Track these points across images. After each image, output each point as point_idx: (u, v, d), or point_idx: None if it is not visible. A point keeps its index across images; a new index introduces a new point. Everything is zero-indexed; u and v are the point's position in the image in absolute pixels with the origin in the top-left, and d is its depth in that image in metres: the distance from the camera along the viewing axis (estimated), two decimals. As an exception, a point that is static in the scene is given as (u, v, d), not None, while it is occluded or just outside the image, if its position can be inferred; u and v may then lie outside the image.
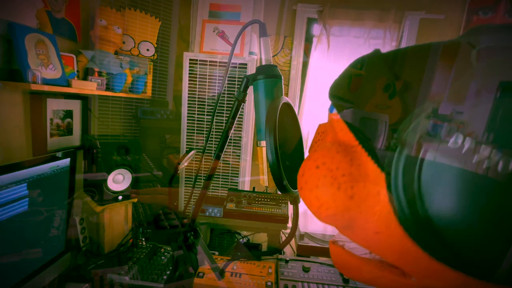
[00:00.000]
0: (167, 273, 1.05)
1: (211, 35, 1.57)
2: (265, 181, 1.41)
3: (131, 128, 1.78)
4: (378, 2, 1.61)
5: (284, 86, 1.79)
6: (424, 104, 0.21)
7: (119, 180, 1.16)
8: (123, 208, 1.22)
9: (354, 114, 0.26)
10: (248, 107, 1.50)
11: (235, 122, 0.48)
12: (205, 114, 1.53)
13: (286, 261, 1.17)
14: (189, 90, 1.51)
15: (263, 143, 0.35)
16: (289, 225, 1.46)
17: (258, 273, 1.07)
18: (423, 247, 0.19)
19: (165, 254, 1.18)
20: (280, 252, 1.26)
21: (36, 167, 0.80)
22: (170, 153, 1.78)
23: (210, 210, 1.26)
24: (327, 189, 0.24)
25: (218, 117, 1.52)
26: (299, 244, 1.28)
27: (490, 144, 0.17)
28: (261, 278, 1.05)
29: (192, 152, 1.23)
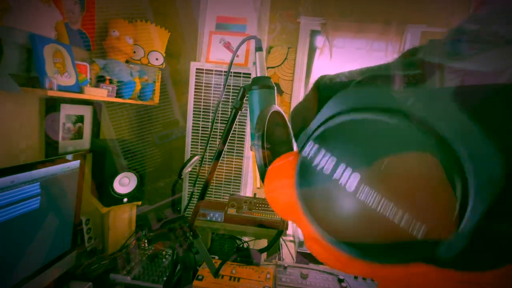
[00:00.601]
0: (167, 275, 1.08)
1: (218, 46, 1.63)
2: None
3: (139, 133, 1.84)
4: (380, 15, 1.66)
5: (287, 95, 1.84)
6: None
7: (125, 183, 1.21)
8: (128, 210, 1.26)
9: None
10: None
11: (232, 129, 0.52)
12: (209, 122, 1.58)
13: (285, 267, 1.18)
14: (194, 98, 1.56)
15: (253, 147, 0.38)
16: (289, 232, 1.47)
17: (256, 278, 1.09)
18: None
19: (166, 256, 1.20)
20: (277, 258, 1.27)
21: (48, 168, 0.86)
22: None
23: (211, 214, 1.29)
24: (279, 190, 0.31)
25: (224, 124, 1.56)
26: (298, 251, 1.29)
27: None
28: (259, 283, 1.07)
29: (195, 157, 1.27)
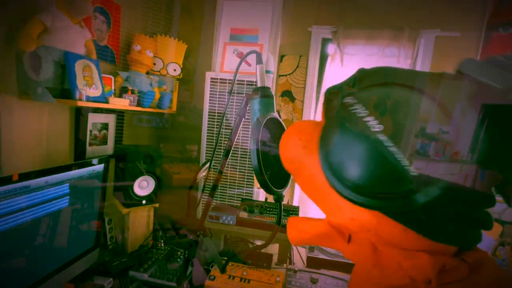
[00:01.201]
0: (180, 272, 1.13)
1: (231, 56, 1.71)
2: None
3: (155, 139, 1.95)
4: (392, 21, 1.66)
5: (299, 102, 1.87)
6: None
7: (143, 186, 1.29)
8: (146, 212, 1.34)
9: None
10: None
11: (237, 135, 0.57)
12: (217, 127, 1.65)
13: (295, 271, 1.20)
14: (209, 105, 1.64)
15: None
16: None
17: (266, 281, 1.11)
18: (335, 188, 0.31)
19: (181, 257, 1.26)
20: (288, 262, 1.29)
21: (76, 171, 0.95)
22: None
23: (224, 217, 1.34)
24: (293, 140, 0.37)
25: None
26: (309, 255, 1.30)
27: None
28: (269, 285, 1.09)
29: (208, 163, 1.33)
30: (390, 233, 0.30)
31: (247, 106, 0.54)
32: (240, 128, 0.57)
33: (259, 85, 0.51)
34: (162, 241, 1.34)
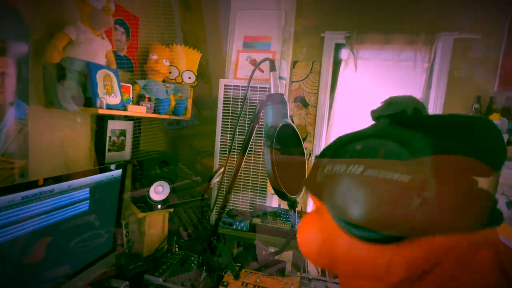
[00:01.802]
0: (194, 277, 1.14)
1: (244, 63, 1.74)
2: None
3: (169, 143, 2.00)
4: (407, 25, 1.64)
5: (312, 107, 1.87)
6: None
7: (159, 190, 1.32)
8: (161, 217, 1.37)
9: None
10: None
11: (251, 140, 0.57)
12: (236, 134, 1.66)
13: (309, 279, 1.17)
14: (223, 112, 1.67)
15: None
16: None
17: (280, 289, 1.10)
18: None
19: (195, 262, 1.27)
20: (302, 270, 1.26)
21: (96, 176, 0.99)
22: (202, 158, 1.92)
23: (237, 223, 1.34)
24: (308, 234, 0.36)
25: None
26: (324, 264, 1.28)
27: None
28: (283, 293, 1.08)
29: (222, 168, 1.35)
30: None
31: (261, 113, 0.55)
32: (254, 134, 0.58)
33: (272, 91, 0.52)
34: (176, 245, 1.36)
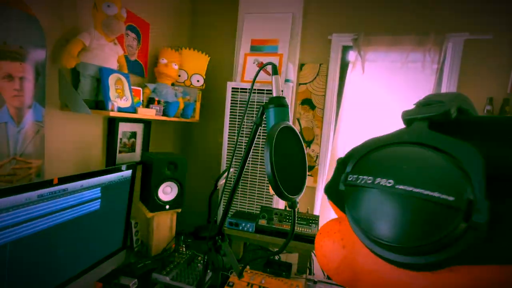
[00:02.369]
0: (200, 276, 1.16)
1: (252, 66, 1.76)
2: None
3: (181, 146, 2.04)
4: (415, 27, 1.62)
5: (319, 110, 1.87)
6: None
7: (167, 191, 1.35)
8: (169, 217, 1.40)
9: None
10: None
11: (254, 143, 0.59)
12: (244, 136, 1.68)
13: (315, 282, 1.17)
14: (230, 114, 1.69)
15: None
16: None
17: (285, 290, 1.10)
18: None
19: (202, 261, 1.29)
20: (308, 272, 1.26)
21: (107, 175, 1.03)
22: None
23: (243, 224, 1.35)
24: (327, 247, 0.31)
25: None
26: (330, 267, 1.27)
27: None
28: (288, 295, 1.08)
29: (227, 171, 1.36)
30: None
31: (264, 115, 0.56)
32: (260, 137, 0.59)
33: (274, 94, 0.53)
34: (183, 245, 1.39)
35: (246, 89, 1.66)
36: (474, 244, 0.20)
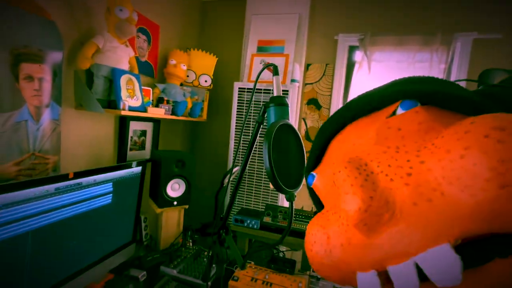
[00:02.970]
0: (205, 268, 1.19)
1: (258, 66, 1.79)
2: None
3: (189, 144, 2.09)
4: (422, 26, 1.61)
5: (325, 110, 1.88)
6: None
7: (175, 188, 1.40)
8: (177, 212, 1.45)
9: None
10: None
11: (256, 141, 0.62)
12: (250, 135, 1.72)
13: (318, 279, 1.19)
14: (237, 113, 1.73)
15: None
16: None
17: (288, 286, 1.13)
18: None
19: (207, 256, 1.33)
20: (312, 269, 1.28)
21: (119, 171, 1.08)
22: None
23: (248, 221, 1.38)
24: (313, 235, 0.26)
25: (261, 138, 1.68)
26: (333, 264, 1.28)
27: None
28: (291, 290, 1.11)
29: (236, 168, 1.40)
30: None
31: (265, 114, 0.59)
32: (263, 135, 0.62)
33: (275, 94, 0.56)
34: (190, 240, 1.43)
35: (252, 89, 1.69)
36: None
